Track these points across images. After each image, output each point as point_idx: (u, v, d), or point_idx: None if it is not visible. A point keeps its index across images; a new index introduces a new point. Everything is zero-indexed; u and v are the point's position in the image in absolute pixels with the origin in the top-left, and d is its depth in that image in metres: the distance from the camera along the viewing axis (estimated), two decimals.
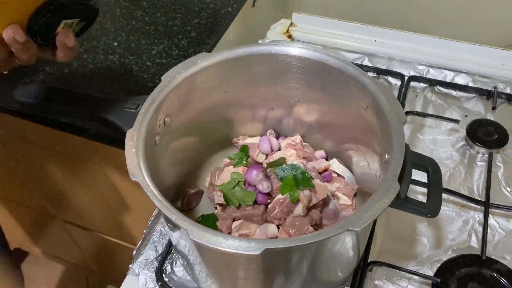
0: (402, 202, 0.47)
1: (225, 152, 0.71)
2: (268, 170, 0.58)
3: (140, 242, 0.65)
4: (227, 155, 0.69)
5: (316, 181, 0.57)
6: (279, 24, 0.93)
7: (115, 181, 0.89)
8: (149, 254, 0.63)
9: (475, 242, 0.64)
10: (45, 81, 0.79)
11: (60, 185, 1.02)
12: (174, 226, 0.47)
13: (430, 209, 0.47)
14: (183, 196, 0.64)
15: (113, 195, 0.95)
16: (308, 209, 0.56)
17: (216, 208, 0.62)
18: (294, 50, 0.58)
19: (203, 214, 0.62)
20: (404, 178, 0.46)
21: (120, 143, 0.71)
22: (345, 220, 0.41)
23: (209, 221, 0.60)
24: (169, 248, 0.63)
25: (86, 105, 0.56)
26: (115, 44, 0.87)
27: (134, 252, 0.64)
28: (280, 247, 0.39)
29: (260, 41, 0.92)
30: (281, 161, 0.58)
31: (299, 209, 0.55)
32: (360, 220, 0.41)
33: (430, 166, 0.51)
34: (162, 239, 0.65)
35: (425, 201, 0.49)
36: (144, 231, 0.67)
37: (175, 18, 0.92)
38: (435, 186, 0.49)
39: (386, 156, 0.50)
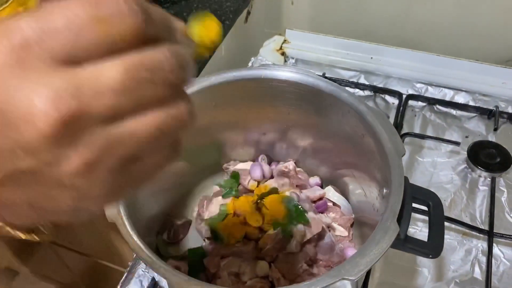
0: (401, 242, 0.43)
1: (215, 178, 0.67)
2: (259, 202, 0.55)
3: (124, 276, 0.62)
4: (217, 181, 0.65)
5: (310, 214, 0.53)
6: (272, 41, 0.90)
7: None
8: None
9: (478, 274, 0.61)
10: None
11: None
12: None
13: (432, 249, 0.44)
14: (169, 227, 0.60)
15: (102, 218, 0.91)
16: (302, 244, 0.53)
17: (204, 240, 0.59)
18: (285, 74, 0.55)
19: (190, 248, 0.58)
20: (403, 217, 0.43)
21: None
22: (340, 268, 0.38)
23: (196, 256, 0.56)
24: (155, 282, 0.60)
25: None
26: None
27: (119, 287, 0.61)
28: None
29: (252, 59, 0.89)
30: (273, 192, 0.55)
31: (292, 245, 0.52)
32: (357, 268, 0.37)
33: (430, 200, 0.47)
34: (148, 272, 0.61)
35: (426, 230, 0.46)
36: (129, 263, 0.63)
37: None
38: (436, 222, 0.46)
39: (385, 190, 0.46)
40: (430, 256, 0.44)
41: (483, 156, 0.71)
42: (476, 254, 0.63)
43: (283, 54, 0.89)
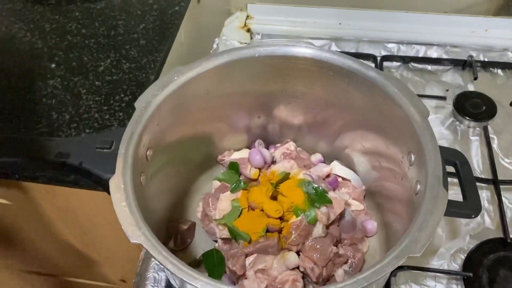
0: None
1: (210, 172, 0.62)
2: (276, 189, 0.50)
3: None
4: (213, 176, 0.60)
5: (330, 194, 0.50)
6: (235, 18, 0.85)
7: (80, 221, 0.78)
8: None
9: (489, 223, 0.61)
10: None
11: (13, 235, 0.88)
12: None
13: (472, 208, 0.42)
14: (175, 234, 0.55)
15: (78, 237, 0.83)
16: (327, 227, 0.49)
17: (216, 241, 0.54)
18: (282, 49, 0.50)
19: (204, 253, 0.53)
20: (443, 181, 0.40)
21: (85, 184, 0.61)
22: (402, 247, 0.35)
23: (213, 259, 0.52)
24: None
25: (43, 152, 0.45)
26: (53, 65, 0.74)
27: None
28: None
29: (216, 40, 0.84)
30: (286, 178, 0.51)
31: (318, 230, 0.48)
32: (419, 243, 0.35)
33: (457, 159, 0.46)
34: (157, 286, 0.56)
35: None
36: (133, 280, 0.57)
37: (117, 26, 0.81)
38: (468, 180, 0.44)
39: (413, 156, 0.44)
40: (473, 216, 0.42)
41: (469, 106, 0.71)
42: (482, 204, 0.63)
43: (248, 30, 0.84)
